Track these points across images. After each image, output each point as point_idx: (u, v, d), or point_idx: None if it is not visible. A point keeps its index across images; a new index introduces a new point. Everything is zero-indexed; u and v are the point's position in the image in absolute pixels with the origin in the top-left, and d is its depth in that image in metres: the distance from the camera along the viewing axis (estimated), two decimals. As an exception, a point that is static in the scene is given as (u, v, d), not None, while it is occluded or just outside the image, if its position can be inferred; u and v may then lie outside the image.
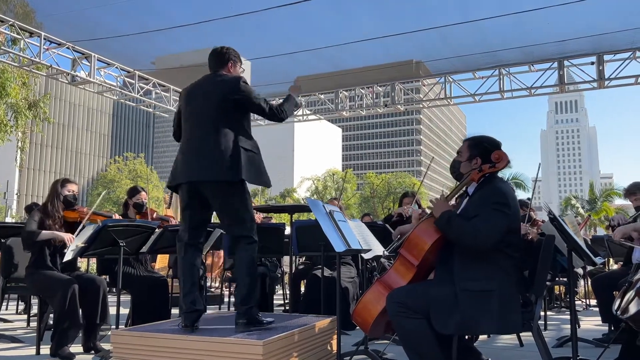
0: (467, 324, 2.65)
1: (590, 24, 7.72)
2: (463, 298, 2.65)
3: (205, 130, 3.31)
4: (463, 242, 2.72)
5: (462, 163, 3.03)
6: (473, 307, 2.63)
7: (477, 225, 2.66)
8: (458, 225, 2.72)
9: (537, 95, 9.99)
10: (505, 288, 2.67)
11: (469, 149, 2.99)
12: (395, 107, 10.80)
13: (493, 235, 2.64)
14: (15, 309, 6.94)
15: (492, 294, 2.64)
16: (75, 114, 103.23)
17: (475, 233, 2.64)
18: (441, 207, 2.84)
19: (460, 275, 2.71)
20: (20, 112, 18.04)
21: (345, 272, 5.53)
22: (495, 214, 2.68)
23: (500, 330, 2.74)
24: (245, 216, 3.31)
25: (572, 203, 47.89)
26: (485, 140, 3.01)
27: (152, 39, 8.34)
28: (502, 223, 2.68)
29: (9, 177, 60.36)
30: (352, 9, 7.37)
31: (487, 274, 2.68)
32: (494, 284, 2.66)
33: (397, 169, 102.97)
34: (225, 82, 3.43)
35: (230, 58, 3.61)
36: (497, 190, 2.79)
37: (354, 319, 2.98)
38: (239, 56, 3.68)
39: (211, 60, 3.63)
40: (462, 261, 2.74)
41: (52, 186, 4.42)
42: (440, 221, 2.79)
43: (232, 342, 2.88)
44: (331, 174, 66.15)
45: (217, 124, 3.29)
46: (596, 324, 5.71)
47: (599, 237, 7.53)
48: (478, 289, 2.65)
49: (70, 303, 3.87)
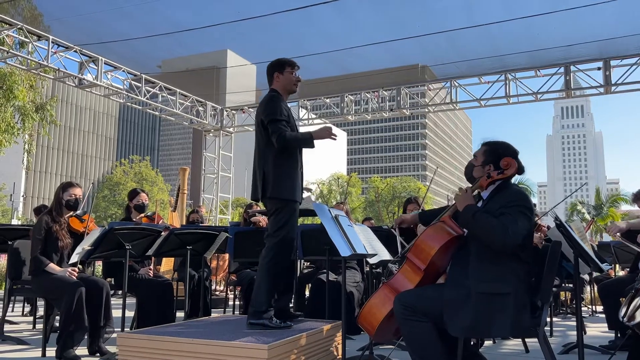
0: (480, 325, 2.64)
1: (597, 29, 7.71)
2: (478, 300, 2.65)
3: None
4: (489, 239, 2.68)
5: (476, 167, 3.02)
6: (488, 309, 2.63)
7: (506, 224, 2.64)
8: (485, 220, 2.70)
9: (543, 100, 9.98)
10: (519, 293, 2.67)
11: (485, 154, 2.99)
12: (401, 112, 10.81)
13: (520, 236, 2.64)
14: (21, 311, 6.96)
15: (508, 297, 2.64)
16: (81, 117, 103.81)
17: (504, 231, 2.62)
18: (465, 200, 2.84)
19: (476, 277, 2.70)
20: (28, 115, 18.13)
21: (350, 277, 5.52)
22: (522, 216, 2.69)
23: (513, 332, 2.73)
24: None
25: (578, 209, 47.69)
26: (500, 146, 2.99)
27: (159, 42, 8.40)
28: (527, 226, 2.70)
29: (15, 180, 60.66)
30: (358, 13, 7.39)
31: (503, 277, 2.68)
32: (508, 287, 2.66)
33: (402, 173, 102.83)
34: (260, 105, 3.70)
35: (272, 71, 3.77)
36: (521, 194, 2.81)
37: (359, 322, 2.97)
38: (282, 62, 3.77)
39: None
40: (479, 263, 2.73)
41: (56, 192, 4.47)
42: (465, 215, 2.78)
43: (237, 345, 2.88)
44: (336, 178, 66.08)
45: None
46: (602, 330, 5.67)
47: (605, 243, 7.49)
48: (495, 292, 2.65)
49: (77, 305, 3.88)
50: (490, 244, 2.68)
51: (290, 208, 3.52)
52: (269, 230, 3.55)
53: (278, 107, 3.55)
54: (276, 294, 3.64)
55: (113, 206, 55.86)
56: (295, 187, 3.55)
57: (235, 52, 9.67)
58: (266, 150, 3.56)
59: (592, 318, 7.38)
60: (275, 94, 3.66)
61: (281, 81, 3.71)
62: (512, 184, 2.93)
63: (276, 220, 3.51)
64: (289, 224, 3.51)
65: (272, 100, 3.59)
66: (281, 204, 3.51)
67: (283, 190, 3.50)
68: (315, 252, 4.76)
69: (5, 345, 4.54)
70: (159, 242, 4.44)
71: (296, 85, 3.80)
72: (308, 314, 5.06)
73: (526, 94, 9.82)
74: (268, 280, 3.46)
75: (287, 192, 3.50)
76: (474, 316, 2.63)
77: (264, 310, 3.42)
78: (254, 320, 3.40)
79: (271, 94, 3.67)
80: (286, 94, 3.77)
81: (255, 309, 3.43)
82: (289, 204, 3.52)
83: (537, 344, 2.78)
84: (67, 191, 4.40)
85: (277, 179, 3.48)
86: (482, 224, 2.69)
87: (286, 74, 3.71)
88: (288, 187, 3.51)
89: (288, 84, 3.74)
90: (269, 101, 3.60)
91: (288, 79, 3.72)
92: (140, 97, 10.27)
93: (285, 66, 3.72)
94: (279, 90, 3.70)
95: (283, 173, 3.51)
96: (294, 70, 3.76)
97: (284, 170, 3.51)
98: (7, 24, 8.07)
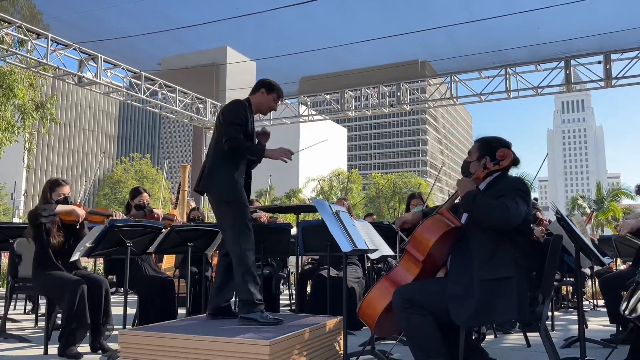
0: (484, 312, 2.69)
1: (598, 23, 7.68)
2: (481, 287, 2.69)
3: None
4: (490, 218, 2.73)
5: (472, 163, 3.09)
6: (492, 294, 2.69)
7: (505, 203, 2.71)
8: (485, 202, 2.77)
9: (543, 94, 9.96)
10: (520, 276, 2.73)
11: (479, 149, 3.06)
12: (401, 107, 10.79)
13: (519, 215, 2.71)
14: (23, 309, 6.97)
15: (511, 280, 2.70)
16: (81, 115, 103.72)
17: (504, 209, 2.69)
18: (466, 186, 2.89)
19: (477, 266, 2.75)
20: (28, 113, 18.14)
21: (352, 272, 5.52)
22: (520, 199, 2.76)
23: (519, 315, 2.73)
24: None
25: (579, 203, 47.69)
26: (493, 140, 3.07)
27: (158, 40, 8.38)
28: (525, 208, 2.76)
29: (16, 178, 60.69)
30: (358, 9, 7.37)
31: (504, 262, 2.74)
32: (510, 271, 2.72)
33: (403, 169, 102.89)
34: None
35: (261, 86, 3.81)
36: (519, 181, 2.93)
37: (359, 315, 2.99)
38: (275, 88, 3.83)
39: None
40: (479, 253, 2.78)
41: (43, 188, 4.39)
42: (466, 198, 2.84)
43: (239, 341, 2.89)
44: (337, 174, 66.07)
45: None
46: (604, 324, 5.68)
47: (606, 237, 7.50)
48: (497, 277, 2.71)
49: (79, 303, 3.88)
50: (492, 223, 2.73)
51: (234, 207, 3.54)
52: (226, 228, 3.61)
53: (241, 114, 3.59)
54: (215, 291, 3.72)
55: (114, 204, 55.88)
56: (237, 189, 3.57)
57: (234, 49, 9.66)
58: (216, 148, 3.62)
59: (593, 312, 7.39)
60: (247, 104, 3.72)
61: (261, 99, 3.78)
62: (510, 175, 2.98)
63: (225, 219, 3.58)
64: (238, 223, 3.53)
65: (238, 106, 3.64)
66: (225, 205, 3.56)
67: (225, 192, 3.55)
68: (316, 248, 4.77)
69: (8, 343, 4.54)
70: (160, 239, 4.44)
71: (268, 111, 3.94)
72: (310, 310, 5.08)
73: (526, 88, 9.81)
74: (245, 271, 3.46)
75: (229, 193, 3.54)
76: (478, 303, 2.67)
77: (254, 302, 3.41)
78: (245, 315, 3.41)
79: (243, 101, 3.71)
80: (255, 110, 3.83)
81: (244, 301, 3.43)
82: (232, 205, 3.54)
83: (539, 338, 2.79)
84: (56, 190, 4.31)
85: (220, 179, 3.56)
86: (482, 205, 2.77)
87: (270, 97, 3.79)
88: (227, 188, 3.54)
89: (264, 105, 3.82)
90: (235, 105, 3.66)
91: (268, 102, 3.80)
92: (140, 95, 10.26)
93: (274, 92, 3.81)
94: (253, 103, 3.78)
95: (227, 175, 3.55)
96: (278, 101, 3.87)
97: (228, 171, 3.56)
98: (6, 22, 8.06)
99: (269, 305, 5.60)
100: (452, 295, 2.72)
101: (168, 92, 10.99)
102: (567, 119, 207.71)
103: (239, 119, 3.56)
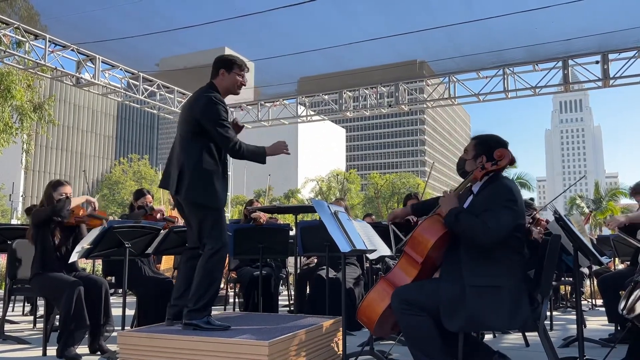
0: (475, 319, 2.66)
1: (595, 23, 7.68)
2: (471, 294, 2.66)
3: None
4: (472, 238, 2.72)
5: (468, 161, 3.05)
6: (482, 302, 2.65)
7: (486, 222, 2.68)
8: (467, 221, 2.73)
9: (541, 94, 9.96)
10: (513, 284, 2.69)
11: (475, 148, 3.01)
12: (399, 107, 10.79)
13: (502, 231, 2.67)
14: (21, 311, 6.96)
15: (501, 290, 2.66)
16: (79, 116, 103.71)
17: (485, 229, 2.66)
18: (449, 204, 2.86)
19: (468, 271, 2.72)
20: (26, 115, 18.13)
21: (350, 273, 5.52)
22: (504, 211, 2.71)
23: (510, 325, 2.74)
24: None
25: (577, 203, 47.74)
26: (491, 138, 3.03)
27: (156, 40, 8.36)
28: (511, 220, 2.72)
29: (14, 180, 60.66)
30: (356, 8, 7.36)
31: (495, 270, 2.70)
32: (502, 279, 2.68)
33: (401, 169, 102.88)
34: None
35: (218, 66, 3.48)
36: (505, 188, 2.82)
37: (358, 317, 2.98)
38: (232, 61, 3.51)
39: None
40: (469, 258, 2.75)
41: (45, 190, 4.39)
42: (448, 217, 2.80)
43: (238, 342, 2.89)
44: (335, 174, 66.09)
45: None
46: (602, 323, 5.69)
47: (604, 237, 7.50)
48: (486, 285, 2.67)
49: (77, 304, 3.88)
50: (473, 242, 2.72)
51: (216, 213, 3.35)
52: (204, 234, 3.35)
53: (222, 110, 3.33)
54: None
55: (112, 205, 55.83)
56: (217, 192, 3.32)
57: (233, 49, 9.63)
58: (193, 147, 3.32)
59: (592, 311, 7.40)
60: (216, 94, 3.39)
61: (225, 80, 3.46)
62: (504, 177, 2.95)
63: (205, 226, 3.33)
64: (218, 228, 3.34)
65: (213, 103, 3.32)
66: (206, 210, 3.33)
67: (207, 195, 3.30)
68: (314, 248, 4.77)
69: (6, 344, 4.54)
70: (159, 240, 4.44)
71: (239, 88, 3.54)
72: (308, 311, 5.08)
73: (524, 88, 9.80)
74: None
75: (210, 197, 3.31)
76: (469, 311, 2.64)
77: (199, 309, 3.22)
78: (188, 320, 3.21)
79: (211, 94, 3.36)
80: (225, 94, 3.49)
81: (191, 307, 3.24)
82: (213, 210, 3.34)
83: (538, 338, 2.79)
84: (58, 190, 4.32)
85: (200, 182, 3.28)
86: (464, 224, 2.73)
87: (233, 74, 3.46)
88: (211, 191, 3.30)
89: (231, 85, 3.48)
90: (209, 102, 3.32)
91: (233, 80, 3.47)
92: (139, 96, 10.24)
93: (234, 66, 3.47)
94: (220, 89, 3.45)
95: (209, 176, 3.30)
96: (242, 73, 3.52)
97: (209, 173, 3.31)
98: (3, 23, 8.04)
99: (269, 306, 5.62)
100: (444, 303, 2.70)
101: (166, 92, 10.97)
102: (565, 118, 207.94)
103: (224, 116, 3.32)
